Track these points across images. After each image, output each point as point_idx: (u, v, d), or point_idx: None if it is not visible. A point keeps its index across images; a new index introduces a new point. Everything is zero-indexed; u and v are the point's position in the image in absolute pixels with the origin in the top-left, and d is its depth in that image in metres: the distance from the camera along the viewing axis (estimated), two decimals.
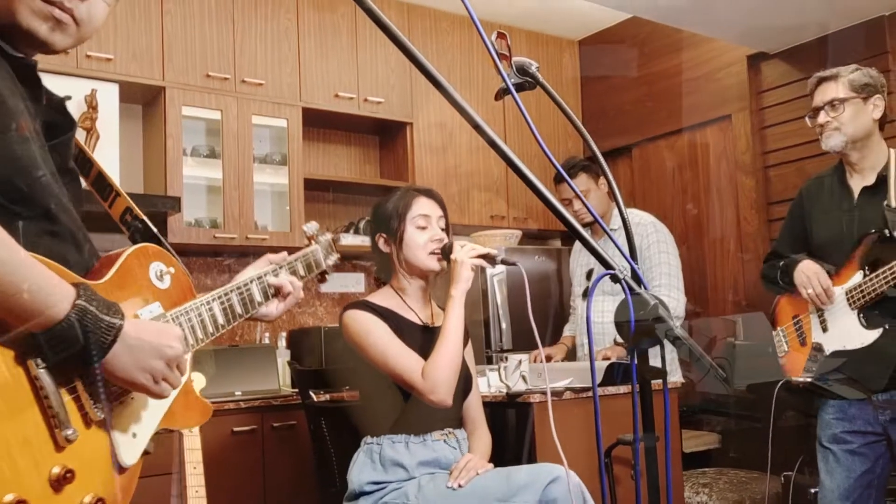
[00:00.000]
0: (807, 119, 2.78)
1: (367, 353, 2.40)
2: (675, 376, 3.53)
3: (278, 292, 1.72)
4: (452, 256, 2.42)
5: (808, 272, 2.68)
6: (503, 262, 2.42)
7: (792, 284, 2.76)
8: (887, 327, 2.54)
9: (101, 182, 1.57)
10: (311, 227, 2.02)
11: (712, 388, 4.30)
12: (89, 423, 1.19)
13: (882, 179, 2.65)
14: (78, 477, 1.13)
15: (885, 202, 2.59)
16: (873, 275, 2.54)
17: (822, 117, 2.70)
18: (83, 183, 1.48)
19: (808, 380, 2.69)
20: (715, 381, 3.96)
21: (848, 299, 2.62)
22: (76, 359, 1.13)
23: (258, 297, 1.66)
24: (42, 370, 1.10)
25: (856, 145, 2.68)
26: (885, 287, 2.50)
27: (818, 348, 2.70)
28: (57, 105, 1.36)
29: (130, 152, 3.97)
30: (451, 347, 2.34)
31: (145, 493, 1.41)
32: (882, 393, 2.61)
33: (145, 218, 1.54)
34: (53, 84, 1.34)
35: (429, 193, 2.59)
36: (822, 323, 2.70)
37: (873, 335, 2.56)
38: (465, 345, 2.48)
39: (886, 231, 2.54)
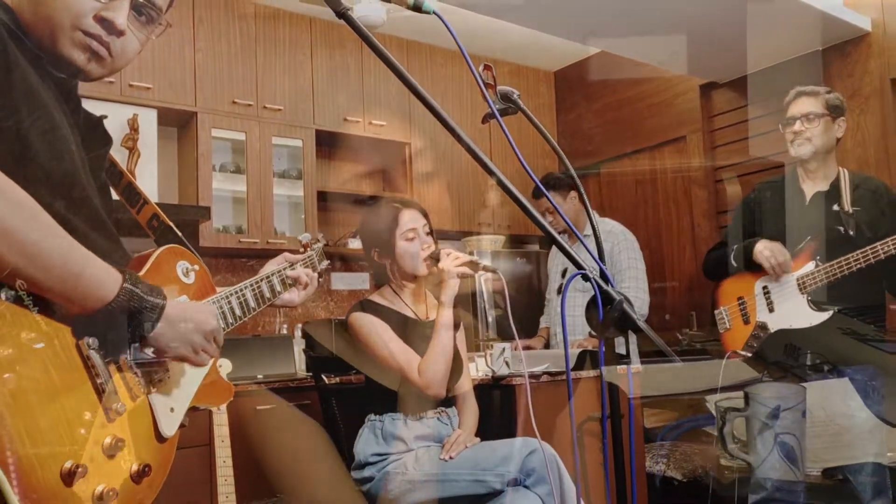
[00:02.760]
0: (780, 126, 2.75)
1: (371, 351, 2.39)
2: (637, 363, 3.53)
3: (296, 283, 1.77)
4: (440, 265, 2.38)
5: (770, 246, 2.66)
6: (485, 268, 2.39)
7: (746, 263, 2.74)
8: (837, 310, 2.54)
9: (130, 191, 1.55)
10: (307, 236, 2.03)
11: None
12: (134, 398, 1.18)
13: (835, 188, 2.65)
14: (127, 445, 1.12)
15: (838, 206, 2.60)
16: (827, 265, 2.54)
17: (797, 126, 2.67)
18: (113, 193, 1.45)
19: (748, 354, 2.69)
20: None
21: (799, 285, 2.61)
22: (125, 335, 1.12)
23: (278, 287, 1.72)
24: (93, 351, 1.08)
25: (818, 156, 2.67)
26: (838, 275, 2.50)
27: (762, 326, 2.69)
28: (95, 123, 1.33)
29: (167, 168, 3.97)
30: (443, 348, 2.32)
31: (181, 461, 1.41)
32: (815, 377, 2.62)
33: (171, 223, 1.52)
34: (100, 109, 1.32)
35: (410, 205, 2.50)
36: (769, 304, 2.69)
37: (822, 316, 2.56)
38: (455, 331, 2.46)
39: (841, 228, 2.55)
